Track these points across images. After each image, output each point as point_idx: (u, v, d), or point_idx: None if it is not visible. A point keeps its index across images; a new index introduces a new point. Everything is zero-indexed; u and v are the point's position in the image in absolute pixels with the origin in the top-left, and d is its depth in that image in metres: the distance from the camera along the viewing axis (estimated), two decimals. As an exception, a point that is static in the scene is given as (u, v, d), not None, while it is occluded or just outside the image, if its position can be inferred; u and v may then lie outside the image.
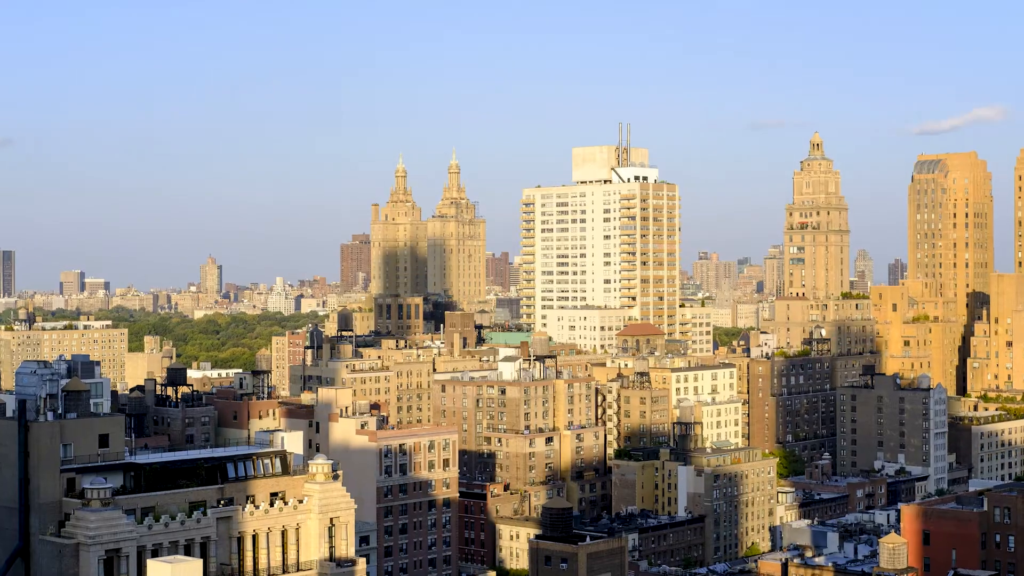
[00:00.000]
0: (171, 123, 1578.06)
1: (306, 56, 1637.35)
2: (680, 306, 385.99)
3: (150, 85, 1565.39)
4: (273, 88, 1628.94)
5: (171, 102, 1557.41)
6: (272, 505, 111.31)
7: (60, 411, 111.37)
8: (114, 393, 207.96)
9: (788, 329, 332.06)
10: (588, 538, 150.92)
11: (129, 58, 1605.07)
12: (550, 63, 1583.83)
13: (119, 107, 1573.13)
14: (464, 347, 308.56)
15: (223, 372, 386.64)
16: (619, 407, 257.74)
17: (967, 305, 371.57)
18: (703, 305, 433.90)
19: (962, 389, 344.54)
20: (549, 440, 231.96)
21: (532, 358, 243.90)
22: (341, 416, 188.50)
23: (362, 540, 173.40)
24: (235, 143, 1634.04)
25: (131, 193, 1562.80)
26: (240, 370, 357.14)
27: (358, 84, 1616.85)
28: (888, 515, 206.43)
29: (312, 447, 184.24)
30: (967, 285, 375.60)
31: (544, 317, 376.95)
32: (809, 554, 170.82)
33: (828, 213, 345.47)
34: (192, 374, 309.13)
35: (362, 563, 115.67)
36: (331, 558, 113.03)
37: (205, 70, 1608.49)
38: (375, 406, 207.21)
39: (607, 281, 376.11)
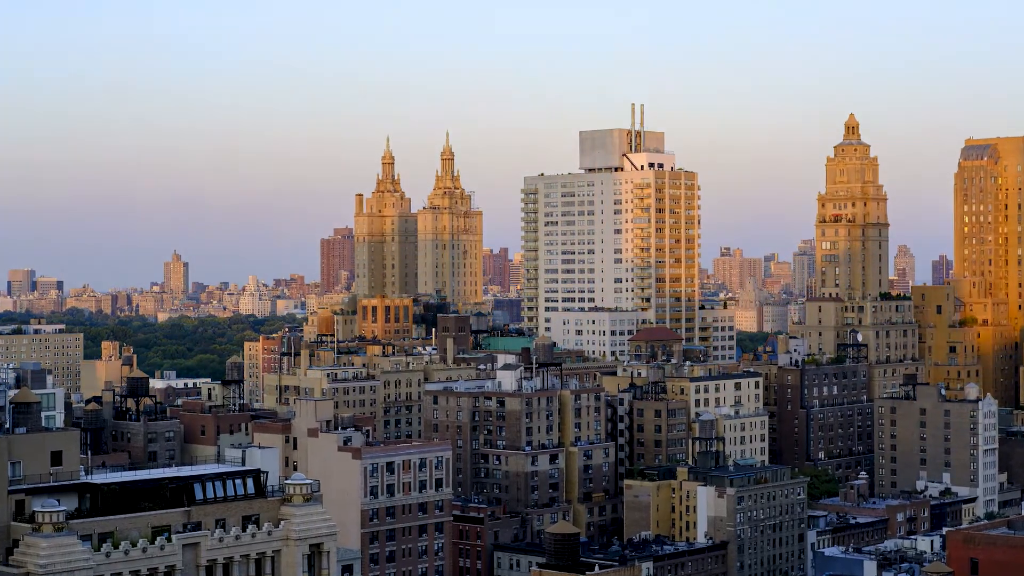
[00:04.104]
0: (132, 105, 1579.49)
1: (282, 29, 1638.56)
2: (700, 308, 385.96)
3: (111, 69, 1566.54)
4: (246, 66, 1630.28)
5: (134, 83, 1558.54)
6: (244, 530, 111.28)
7: (8, 425, 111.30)
8: (68, 405, 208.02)
9: (820, 334, 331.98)
10: (597, 567, 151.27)
11: (86, 42, 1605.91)
12: (554, 36, 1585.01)
13: (76, 89, 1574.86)
14: (459, 354, 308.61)
15: (190, 382, 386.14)
16: (632, 421, 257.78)
17: (1020, 307, 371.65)
18: (725, 307, 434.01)
19: (1015, 400, 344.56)
20: (554, 458, 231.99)
21: (534, 366, 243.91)
22: (321, 431, 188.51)
23: (345, 569, 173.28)
24: (202, 127, 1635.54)
25: (86, 183, 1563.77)
26: (208, 379, 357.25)
27: (340, 60, 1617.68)
28: (932, 541, 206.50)
29: (289, 465, 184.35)
30: (1020, 284, 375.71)
31: (548, 320, 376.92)
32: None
33: (865, 204, 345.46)
34: (155, 384, 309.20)
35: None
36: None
37: (172, 50, 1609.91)
38: (360, 419, 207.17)
39: (618, 280, 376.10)
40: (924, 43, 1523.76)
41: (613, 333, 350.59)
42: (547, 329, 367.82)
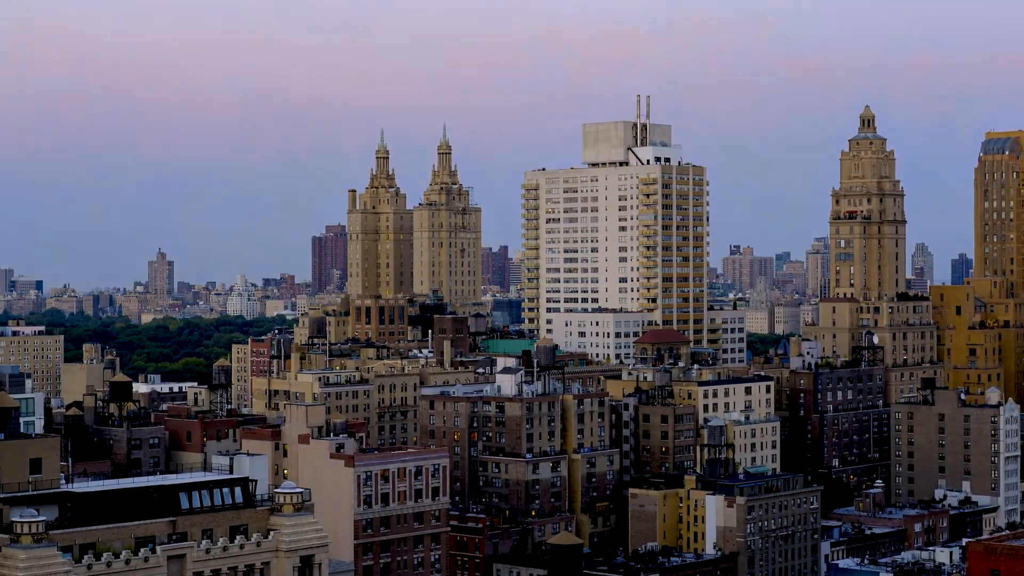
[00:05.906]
0: (116, 98, 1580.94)
1: (275, 21, 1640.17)
2: (708, 309, 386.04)
3: (98, 62, 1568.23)
4: (236, 59, 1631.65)
5: (119, 76, 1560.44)
6: (232, 541, 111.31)
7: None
8: (48, 410, 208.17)
9: (834, 336, 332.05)
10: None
11: (73, 32, 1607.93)
12: (555, 25, 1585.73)
13: (58, 82, 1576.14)
14: (456, 357, 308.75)
15: (175, 386, 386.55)
16: (637, 427, 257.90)
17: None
18: (735, 307, 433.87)
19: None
20: (555, 465, 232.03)
21: (535, 369, 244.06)
22: (312, 437, 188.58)
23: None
24: (186, 119, 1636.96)
25: (67, 177, 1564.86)
26: (195, 383, 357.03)
27: (334, 51, 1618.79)
28: (951, 553, 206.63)
29: (279, 473, 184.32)
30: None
31: (549, 321, 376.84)
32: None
33: (881, 200, 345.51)
34: (138, 388, 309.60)
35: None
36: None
37: (162, 41, 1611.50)
38: (353, 425, 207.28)
39: (623, 280, 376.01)
40: (943, 32, 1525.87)
41: (618, 335, 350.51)
42: (549, 331, 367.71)
